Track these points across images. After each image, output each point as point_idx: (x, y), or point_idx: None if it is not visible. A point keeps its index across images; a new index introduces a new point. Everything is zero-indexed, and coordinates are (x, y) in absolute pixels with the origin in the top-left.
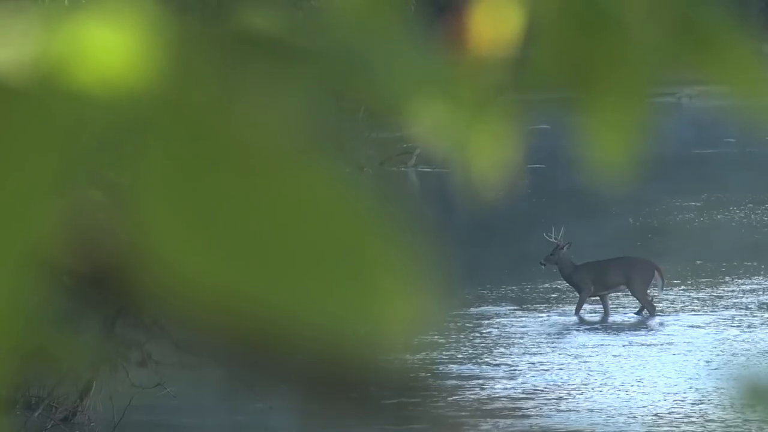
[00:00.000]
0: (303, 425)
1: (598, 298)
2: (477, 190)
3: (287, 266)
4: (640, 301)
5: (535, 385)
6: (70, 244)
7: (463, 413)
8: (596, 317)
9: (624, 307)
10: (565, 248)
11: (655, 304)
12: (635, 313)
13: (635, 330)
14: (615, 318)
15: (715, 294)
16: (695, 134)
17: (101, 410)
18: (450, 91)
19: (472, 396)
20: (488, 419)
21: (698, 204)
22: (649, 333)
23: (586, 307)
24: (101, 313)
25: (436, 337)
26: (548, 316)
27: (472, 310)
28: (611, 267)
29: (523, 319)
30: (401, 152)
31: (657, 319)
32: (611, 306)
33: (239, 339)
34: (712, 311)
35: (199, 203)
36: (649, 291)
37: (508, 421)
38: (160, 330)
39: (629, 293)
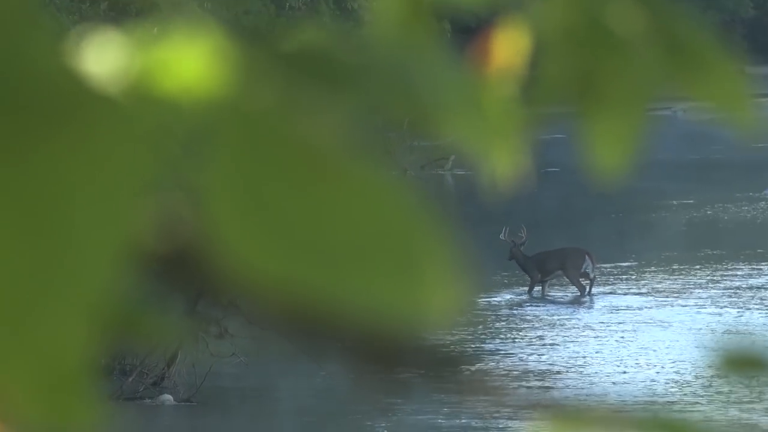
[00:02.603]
0: (355, 391)
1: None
2: (499, 189)
3: (345, 259)
4: (572, 283)
5: (548, 360)
6: (159, 236)
7: (497, 381)
8: (594, 301)
9: (616, 293)
10: (518, 244)
11: (589, 285)
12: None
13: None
14: (613, 301)
15: (715, 278)
16: (688, 143)
17: (185, 376)
18: (478, 105)
19: (499, 367)
20: (519, 385)
21: (690, 201)
22: (649, 313)
23: (594, 290)
24: (185, 295)
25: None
26: (556, 298)
27: (485, 295)
28: (550, 256)
29: (533, 302)
30: (439, 158)
31: (654, 301)
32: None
33: (300, 317)
34: (708, 294)
35: (263, 202)
36: (590, 273)
37: (537, 389)
38: (234, 308)
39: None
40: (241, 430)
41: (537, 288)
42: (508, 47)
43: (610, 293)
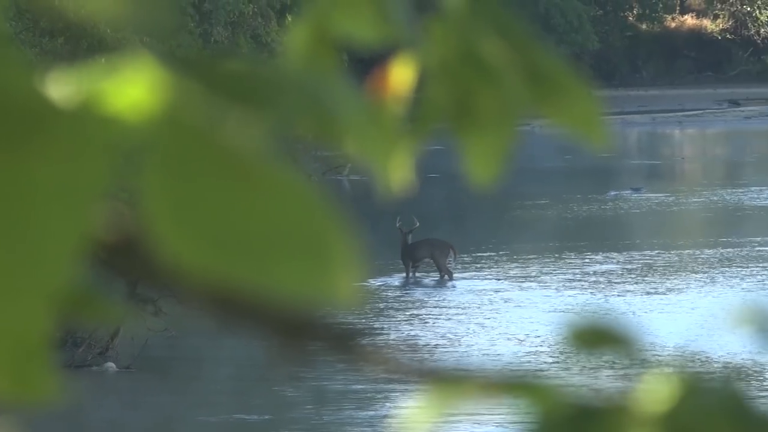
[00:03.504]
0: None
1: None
2: (386, 191)
3: (263, 251)
4: (440, 269)
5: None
6: (106, 230)
7: (386, 353)
8: (460, 285)
9: (485, 277)
10: (406, 233)
11: (453, 272)
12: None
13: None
14: (480, 284)
15: (564, 266)
16: (544, 153)
17: (126, 347)
18: (373, 122)
19: (386, 341)
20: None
21: (546, 201)
22: (508, 295)
23: (467, 274)
24: (127, 280)
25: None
26: (431, 281)
27: (372, 280)
28: (421, 246)
29: (410, 286)
30: (337, 165)
31: (513, 285)
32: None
33: (222, 298)
34: (558, 279)
35: (191, 202)
36: (452, 262)
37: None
38: (167, 291)
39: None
40: (171, 392)
41: (419, 273)
42: (398, 75)
43: (476, 278)
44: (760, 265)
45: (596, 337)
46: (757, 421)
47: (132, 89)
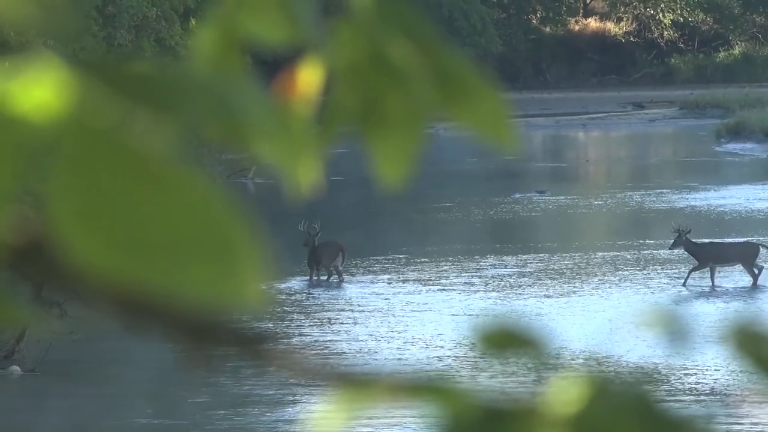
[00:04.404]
0: (177, 364)
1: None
2: (295, 194)
3: (170, 254)
4: (325, 269)
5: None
6: (12, 234)
7: (296, 356)
8: (369, 285)
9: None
10: (314, 235)
11: (342, 272)
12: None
13: (407, 295)
14: (388, 287)
15: (471, 267)
16: (449, 156)
17: (31, 350)
18: (281, 124)
19: (295, 344)
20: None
21: (452, 204)
22: (415, 298)
23: (371, 277)
24: (32, 283)
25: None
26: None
27: (278, 283)
28: (322, 247)
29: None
30: (242, 168)
31: (418, 288)
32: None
33: (128, 301)
34: (463, 281)
35: (97, 205)
36: (340, 265)
37: (329, 362)
38: (72, 294)
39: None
40: (77, 395)
41: (333, 276)
42: (306, 77)
43: (380, 281)
44: (663, 267)
45: (505, 340)
46: (664, 422)
47: (37, 91)
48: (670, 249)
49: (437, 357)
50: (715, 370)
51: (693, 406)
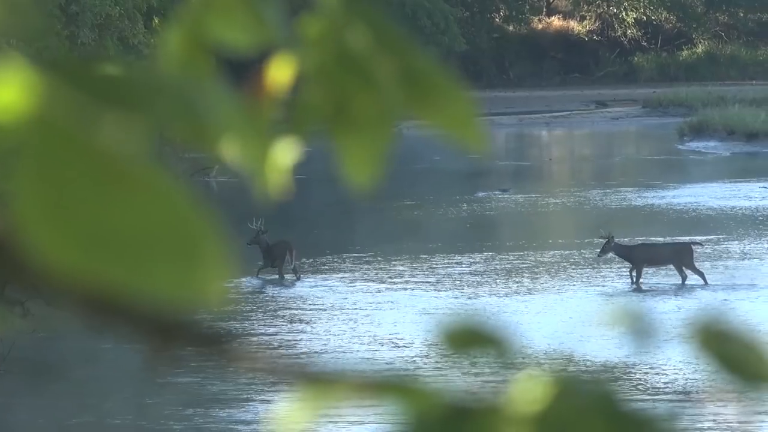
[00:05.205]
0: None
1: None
2: (260, 194)
3: (135, 252)
4: (278, 269)
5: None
6: None
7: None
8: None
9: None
10: (263, 233)
11: (297, 271)
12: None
13: (366, 292)
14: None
15: (435, 265)
16: (413, 155)
17: None
18: (248, 124)
19: (258, 342)
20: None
21: (415, 203)
22: (379, 296)
23: (335, 275)
24: None
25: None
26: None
27: (240, 280)
28: (274, 246)
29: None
30: (205, 167)
31: (383, 286)
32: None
33: (93, 300)
34: (428, 280)
35: (63, 203)
36: (290, 263)
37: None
38: (36, 292)
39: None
40: (40, 394)
41: (290, 275)
42: (274, 78)
43: (344, 280)
44: (625, 265)
45: (469, 338)
46: (628, 420)
47: (2, 90)
48: (599, 256)
49: (401, 356)
50: (679, 368)
51: (657, 404)
